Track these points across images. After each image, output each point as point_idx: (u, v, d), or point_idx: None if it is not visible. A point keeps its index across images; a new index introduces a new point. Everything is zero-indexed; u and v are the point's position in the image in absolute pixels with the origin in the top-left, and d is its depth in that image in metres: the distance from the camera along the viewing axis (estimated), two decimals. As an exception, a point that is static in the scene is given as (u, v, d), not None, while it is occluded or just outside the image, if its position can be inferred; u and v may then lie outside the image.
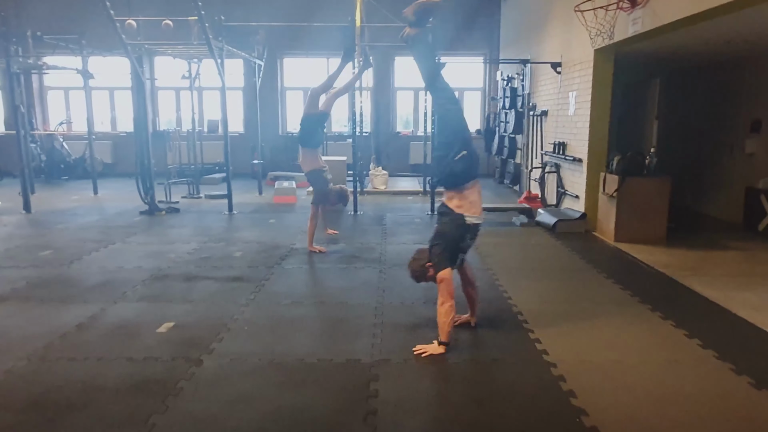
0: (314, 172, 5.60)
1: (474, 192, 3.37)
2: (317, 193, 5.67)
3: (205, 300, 4.16)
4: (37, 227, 6.83)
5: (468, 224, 3.35)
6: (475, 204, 3.37)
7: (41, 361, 3.09)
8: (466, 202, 3.34)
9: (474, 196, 3.37)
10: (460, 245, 3.39)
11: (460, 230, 3.34)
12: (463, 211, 3.33)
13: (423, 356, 3.17)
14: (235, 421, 2.50)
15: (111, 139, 12.62)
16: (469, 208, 3.34)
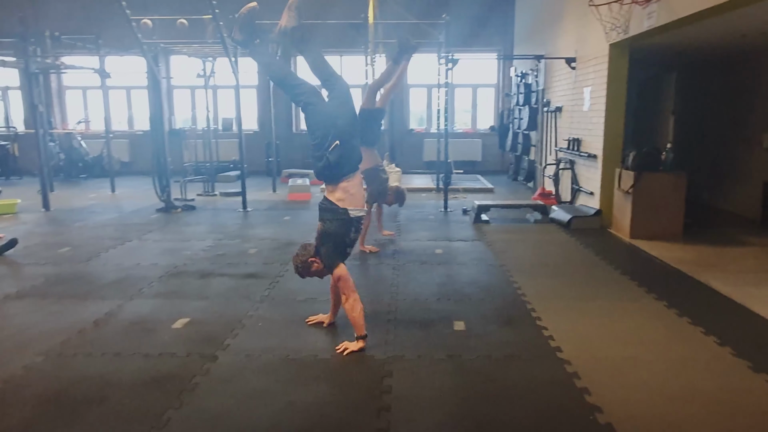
0: (370, 170, 5.41)
1: (355, 184, 3.32)
2: (372, 192, 5.52)
3: (220, 296, 4.21)
4: (56, 225, 6.94)
5: (352, 218, 3.32)
6: (357, 197, 3.33)
7: (59, 357, 3.15)
8: (347, 195, 3.28)
9: (355, 189, 3.32)
10: (346, 239, 3.36)
11: (345, 225, 3.31)
12: (346, 205, 3.28)
13: (345, 354, 3.15)
14: (249, 416, 2.53)
15: (128, 138, 12.77)
16: (352, 201, 3.30)
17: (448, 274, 4.82)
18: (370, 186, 5.52)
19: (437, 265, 5.10)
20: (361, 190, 3.41)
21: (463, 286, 4.47)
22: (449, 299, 4.14)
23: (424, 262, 5.20)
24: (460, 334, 3.48)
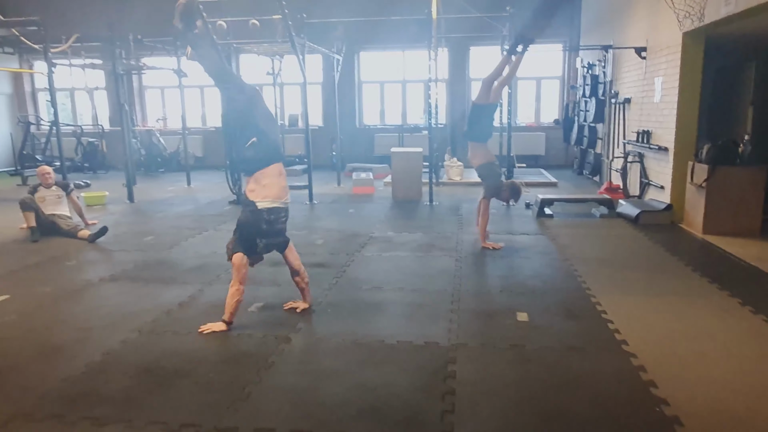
0: (485, 165, 5.46)
1: (268, 177, 3.41)
2: (489, 187, 5.50)
3: (291, 283, 4.38)
4: (140, 215, 7.47)
5: (260, 209, 3.41)
6: (269, 188, 3.42)
7: (150, 334, 3.46)
8: (258, 187, 3.41)
9: (267, 180, 3.41)
10: (257, 231, 3.44)
11: (252, 216, 3.41)
12: (254, 197, 3.41)
13: (205, 332, 3.40)
14: (322, 393, 2.71)
15: (201, 134, 13.45)
16: (261, 192, 3.40)
17: (511, 266, 4.86)
18: (486, 181, 5.50)
19: (500, 258, 5.14)
20: (277, 182, 3.47)
21: (526, 279, 4.49)
22: (512, 291, 4.19)
23: (486, 254, 5.25)
24: (523, 325, 3.54)
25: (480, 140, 5.50)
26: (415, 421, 2.45)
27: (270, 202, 3.46)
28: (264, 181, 3.44)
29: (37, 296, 4.17)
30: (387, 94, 13.53)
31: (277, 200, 3.49)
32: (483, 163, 5.47)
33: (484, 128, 5.48)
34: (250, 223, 3.46)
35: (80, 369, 2.96)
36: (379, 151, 12.64)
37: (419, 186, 8.54)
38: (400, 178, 8.59)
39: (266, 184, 3.44)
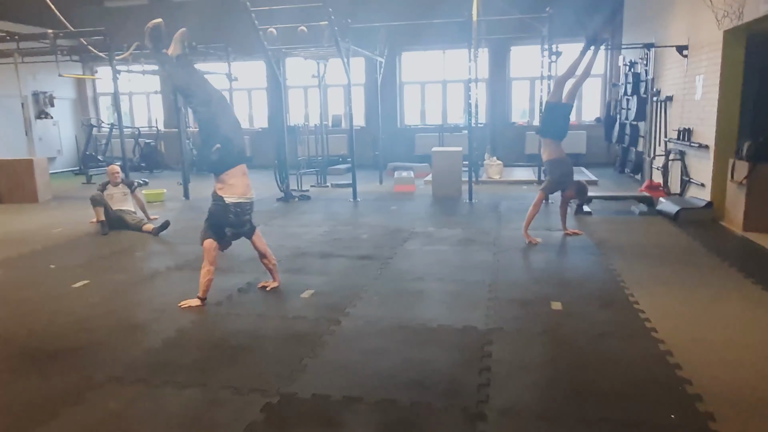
0: (553, 161, 5.66)
1: (233, 177, 4.00)
2: (550, 182, 5.74)
3: (339, 273, 4.79)
4: (196, 211, 7.97)
5: (227, 203, 4.01)
6: (235, 187, 4.01)
7: (216, 315, 3.85)
8: (225, 185, 4.01)
9: (233, 180, 4.00)
10: (224, 221, 4.06)
11: (220, 209, 4.04)
12: (222, 193, 4.01)
13: (183, 307, 3.94)
14: (371, 367, 3.02)
15: (248, 135, 14.00)
16: (228, 190, 4.00)
17: (547, 260, 5.06)
18: (551, 175, 5.75)
19: (537, 252, 5.35)
20: (241, 181, 4.05)
21: (562, 272, 4.70)
22: (547, 282, 4.40)
23: (524, 248, 5.47)
24: (557, 313, 3.76)
25: (552, 137, 5.62)
26: (454, 392, 2.73)
27: (236, 198, 4.06)
28: (230, 181, 4.03)
29: (113, 282, 4.65)
30: (428, 95, 13.78)
31: (242, 196, 4.08)
32: (550, 159, 5.68)
33: (558, 127, 5.62)
34: (219, 215, 4.08)
35: (158, 343, 3.37)
36: (420, 151, 12.90)
37: (459, 184, 8.77)
38: (440, 177, 8.85)
39: (232, 183, 4.03)
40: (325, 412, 2.57)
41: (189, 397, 2.72)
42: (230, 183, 4.02)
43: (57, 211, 8.24)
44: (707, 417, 2.46)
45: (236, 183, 4.03)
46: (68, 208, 8.41)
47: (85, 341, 3.42)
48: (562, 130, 5.73)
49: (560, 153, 5.68)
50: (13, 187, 9.01)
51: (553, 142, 5.66)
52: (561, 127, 5.70)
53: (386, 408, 2.59)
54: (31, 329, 3.64)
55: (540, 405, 2.60)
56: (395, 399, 2.66)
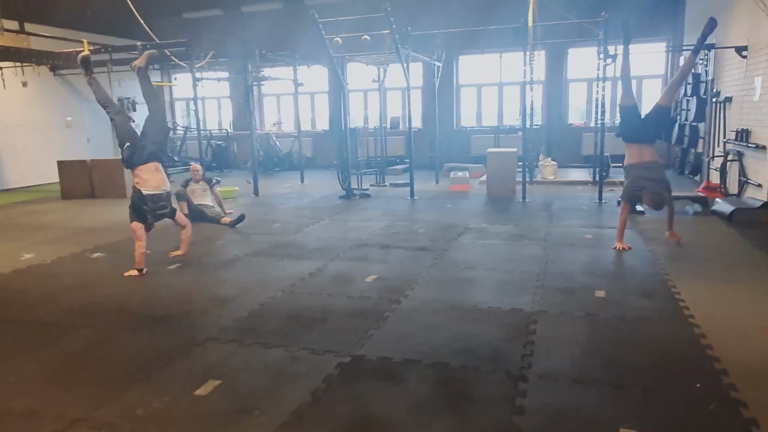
0: (627, 167, 5.42)
1: (146, 172, 4.97)
2: (624, 189, 5.49)
3: (398, 262, 5.25)
4: (266, 207, 8.67)
5: (144, 195, 4.96)
6: (148, 181, 4.97)
7: (291, 293, 4.39)
8: (140, 179, 4.98)
9: (146, 175, 4.97)
10: (143, 208, 4.97)
11: (139, 198, 4.97)
12: (139, 186, 4.98)
13: (126, 276, 4.90)
14: (427, 337, 3.46)
15: (311, 137, 14.76)
16: (143, 183, 4.97)
17: (595, 255, 5.33)
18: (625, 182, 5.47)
19: (585, 247, 5.62)
20: (154, 176, 5.00)
21: (608, 265, 4.97)
22: (593, 274, 4.70)
23: (573, 244, 5.74)
24: (599, 300, 4.07)
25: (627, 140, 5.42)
26: (499, 359, 3.13)
27: (152, 190, 5.00)
28: (143, 175, 4.99)
29: (201, 265, 5.31)
30: (484, 97, 14.06)
31: (156, 189, 5.03)
32: (627, 164, 5.46)
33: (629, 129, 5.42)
34: (138, 203, 5.02)
35: (245, 313, 3.94)
36: (476, 152, 13.21)
37: (513, 184, 9.05)
38: (494, 177, 9.16)
39: (145, 178, 4.99)
40: (388, 370, 3.04)
41: (275, 354, 3.25)
42: (144, 177, 4.99)
43: (143, 205, 9.13)
44: (730, 387, 2.75)
45: (149, 177, 5.00)
46: (153, 203, 9.30)
47: (184, 310, 4.04)
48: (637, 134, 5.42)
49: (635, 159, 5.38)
50: (104, 183, 10.03)
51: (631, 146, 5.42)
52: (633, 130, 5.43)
53: (440, 369, 3.03)
54: (140, 300, 4.31)
55: (576, 372, 2.96)
56: (448, 362, 3.09)
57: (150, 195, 5.01)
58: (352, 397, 2.75)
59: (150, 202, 5.01)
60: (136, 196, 5.01)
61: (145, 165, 5.01)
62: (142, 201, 4.99)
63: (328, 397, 2.77)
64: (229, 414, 2.63)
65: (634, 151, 5.39)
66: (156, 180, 5.05)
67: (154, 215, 5.09)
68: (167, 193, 5.17)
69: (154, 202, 5.03)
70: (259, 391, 2.83)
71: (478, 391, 2.79)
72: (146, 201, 5.00)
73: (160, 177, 5.10)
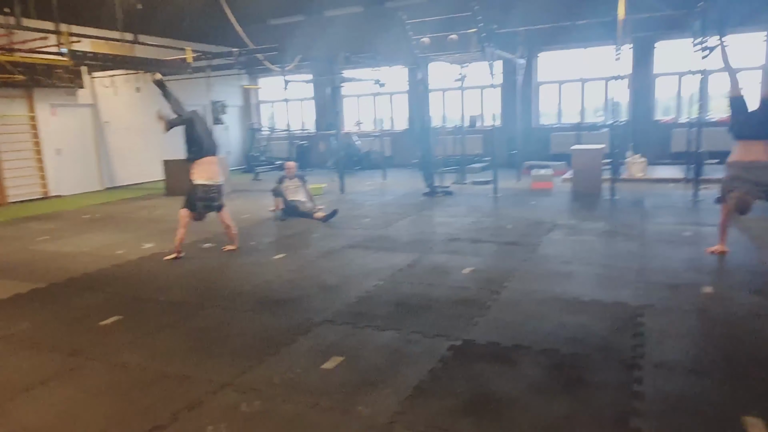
0: (727, 164, 5.04)
1: (203, 165, 5.63)
2: (720, 189, 5.09)
3: (492, 255, 5.35)
4: (353, 203, 8.99)
5: (196, 184, 5.58)
6: (202, 173, 5.60)
7: (392, 283, 4.61)
8: (194, 172, 5.63)
9: (200, 168, 5.62)
10: (193, 197, 5.57)
11: (192, 188, 5.61)
12: (193, 177, 5.61)
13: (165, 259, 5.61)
14: (531, 326, 3.56)
15: (390, 136, 15.04)
16: (197, 175, 5.61)
17: (698, 252, 5.19)
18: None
19: (685, 245, 5.48)
20: (208, 169, 5.62)
21: (713, 262, 4.84)
22: (697, 270, 4.60)
23: (671, 241, 5.61)
24: (707, 295, 4.00)
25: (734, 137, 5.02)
26: (610, 348, 3.18)
27: (203, 181, 5.60)
28: (196, 169, 5.63)
29: (303, 256, 5.64)
30: (564, 93, 13.79)
31: (207, 180, 5.61)
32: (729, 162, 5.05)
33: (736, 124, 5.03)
34: (191, 191, 5.61)
35: (353, 300, 4.19)
36: (556, 150, 12.99)
37: (599, 181, 8.88)
38: (580, 174, 9.03)
39: (200, 170, 5.61)
40: (500, 353, 3.17)
41: (388, 336, 3.46)
42: (197, 170, 5.63)
43: (239, 201, 9.72)
44: None
45: (203, 170, 5.62)
46: (247, 199, 9.88)
47: (297, 295, 4.35)
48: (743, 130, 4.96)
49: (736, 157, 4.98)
50: (202, 181, 10.72)
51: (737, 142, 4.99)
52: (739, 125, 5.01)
53: (550, 355, 3.13)
54: (255, 285, 4.67)
55: (691, 362, 2.97)
56: (558, 349, 3.18)
57: (202, 185, 5.62)
58: (468, 377, 2.91)
59: (203, 193, 5.63)
60: (190, 184, 5.67)
61: (202, 158, 5.69)
62: (194, 189, 5.63)
63: (446, 375, 2.94)
64: (356, 386, 2.85)
65: (740, 148, 4.94)
66: (209, 171, 5.68)
67: (204, 205, 5.66)
68: (219, 186, 5.76)
69: (204, 192, 5.63)
70: (380, 368, 3.04)
71: (592, 376, 2.87)
72: (197, 190, 5.62)
73: (215, 169, 5.74)
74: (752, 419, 2.42)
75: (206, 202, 5.67)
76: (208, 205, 5.70)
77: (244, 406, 2.69)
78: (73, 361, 3.30)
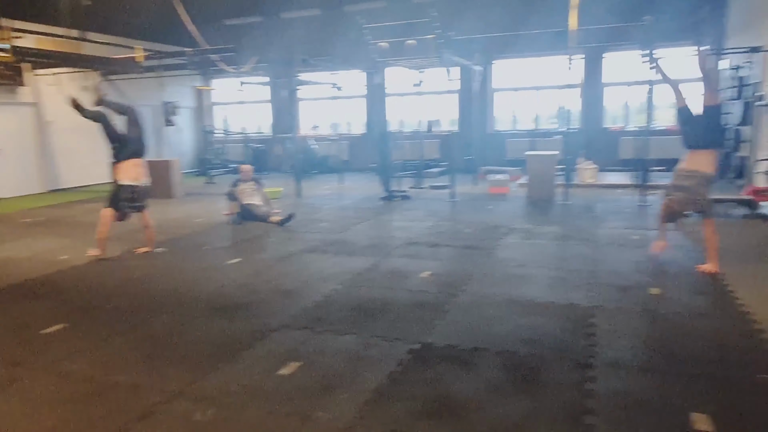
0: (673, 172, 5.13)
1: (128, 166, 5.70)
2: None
3: (449, 259, 5.40)
4: (310, 207, 8.90)
5: (121, 185, 5.64)
6: (128, 172, 5.68)
7: (350, 287, 4.57)
8: (118, 173, 5.69)
9: (124, 170, 5.68)
10: (120, 198, 5.62)
11: (116, 188, 5.67)
12: (118, 178, 5.69)
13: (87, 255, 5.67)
14: (489, 328, 3.60)
15: (348, 140, 15.00)
16: (119, 175, 5.67)
17: (645, 254, 5.38)
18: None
19: (634, 248, 5.67)
20: (133, 170, 5.71)
21: (660, 265, 5.03)
22: (645, 273, 4.77)
23: (621, 245, 5.81)
24: (654, 296, 4.15)
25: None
26: (564, 349, 3.25)
27: (127, 182, 5.66)
28: (121, 169, 5.69)
29: (259, 260, 5.54)
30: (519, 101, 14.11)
31: (130, 181, 5.67)
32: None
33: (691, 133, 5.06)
34: (115, 192, 5.67)
35: (311, 304, 4.13)
36: (511, 155, 13.26)
37: (553, 187, 9.11)
38: (535, 179, 9.24)
39: (123, 171, 5.68)
40: (458, 356, 3.19)
41: (347, 341, 3.43)
42: (122, 170, 5.70)
43: (192, 204, 9.48)
44: (795, 378, 2.83)
45: (125, 171, 5.68)
46: (200, 203, 9.64)
47: (254, 300, 4.26)
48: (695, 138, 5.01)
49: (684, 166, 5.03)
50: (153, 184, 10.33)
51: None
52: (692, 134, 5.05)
53: (507, 356, 3.17)
54: (209, 291, 4.55)
55: (640, 361, 3.07)
56: (515, 350, 3.23)
57: (128, 186, 5.68)
58: (427, 379, 2.91)
59: (128, 194, 5.68)
60: (114, 185, 5.75)
61: (128, 161, 5.76)
62: (119, 189, 5.68)
63: (404, 378, 2.93)
64: (314, 391, 2.81)
65: (687, 157, 5.02)
66: (130, 173, 5.73)
67: (128, 205, 5.72)
68: (143, 187, 5.84)
69: (133, 194, 5.70)
70: (338, 372, 3.01)
71: (547, 376, 2.93)
72: (121, 191, 5.67)
73: (139, 170, 5.82)
74: (699, 415, 2.52)
75: (130, 203, 5.73)
76: (132, 206, 5.77)
77: (198, 415, 2.61)
78: (15, 372, 3.12)
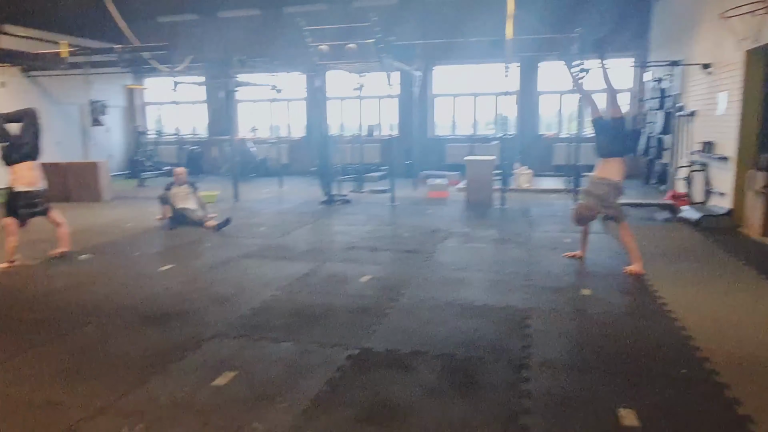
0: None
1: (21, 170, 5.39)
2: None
3: (389, 263, 5.40)
4: (248, 211, 8.69)
5: (16, 192, 5.37)
6: (22, 178, 5.38)
7: (290, 293, 4.49)
8: (12, 177, 5.42)
9: (18, 174, 5.39)
10: (17, 206, 5.36)
11: (11, 195, 5.39)
12: (12, 184, 5.40)
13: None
14: (428, 332, 3.62)
15: (287, 143, 14.78)
16: (14, 181, 5.40)
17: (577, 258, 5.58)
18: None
19: (567, 250, 5.87)
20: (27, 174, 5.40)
21: (590, 267, 5.24)
22: (577, 275, 4.96)
23: (554, 248, 6.00)
24: (586, 297, 4.31)
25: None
26: (501, 350, 3.31)
27: (22, 187, 5.39)
28: (15, 175, 5.40)
29: (194, 266, 5.34)
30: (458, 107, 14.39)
31: (26, 186, 5.40)
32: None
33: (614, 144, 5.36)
34: (11, 198, 5.40)
35: (248, 311, 4.02)
36: (451, 160, 13.48)
37: (491, 191, 9.32)
38: (473, 184, 9.42)
39: (16, 177, 5.39)
40: (398, 360, 3.18)
41: (285, 348, 3.35)
42: (15, 177, 5.40)
43: (122, 208, 9.04)
44: (713, 373, 2.99)
45: (21, 176, 5.41)
46: (131, 207, 9.21)
47: (187, 308, 4.09)
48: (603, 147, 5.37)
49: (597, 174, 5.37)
50: (80, 187, 9.86)
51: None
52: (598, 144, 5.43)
53: (446, 359, 3.19)
54: (140, 299, 4.33)
55: (572, 360, 3.17)
56: (453, 353, 3.26)
57: (25, 192, 5.42)
58: (367, 385, 2.88)
59: (23, 199, 5.40)
60: (10, 193, 5.44)
61: (20, 165, 5.45)
62: (16, 196, 5.40)
63: (343, 385, 2.89)
64: (250, 401, 2.72)
65: (597, 164, 5.37)
66: (26, 178, 5.45)
67: (27, 212, 5.44)
68: (41, 191, 5.57)
69: (31, 200, 5.45)
70: (275, 381, 2.93)
71: (484, 378, 2.96)
72: (20, 197, 5.39)
73: (35, 174, 5.53)
74: (625, 410, 2.62)
75: (29, 209, 5.49)
76: (31, 212, 5.52)
77: (126, 431, 2.46)
78: None
